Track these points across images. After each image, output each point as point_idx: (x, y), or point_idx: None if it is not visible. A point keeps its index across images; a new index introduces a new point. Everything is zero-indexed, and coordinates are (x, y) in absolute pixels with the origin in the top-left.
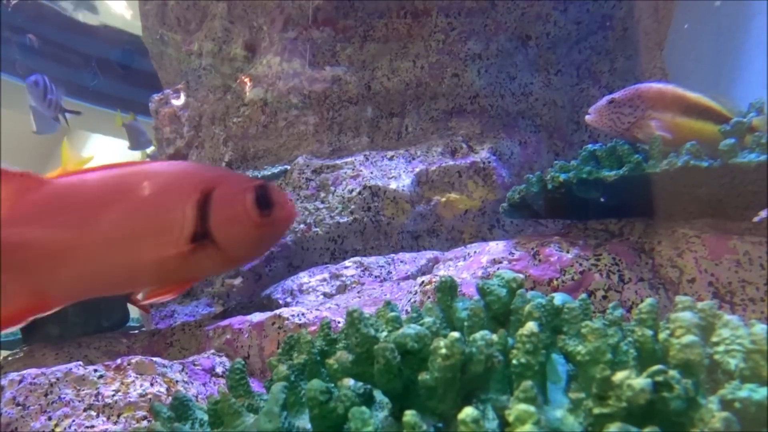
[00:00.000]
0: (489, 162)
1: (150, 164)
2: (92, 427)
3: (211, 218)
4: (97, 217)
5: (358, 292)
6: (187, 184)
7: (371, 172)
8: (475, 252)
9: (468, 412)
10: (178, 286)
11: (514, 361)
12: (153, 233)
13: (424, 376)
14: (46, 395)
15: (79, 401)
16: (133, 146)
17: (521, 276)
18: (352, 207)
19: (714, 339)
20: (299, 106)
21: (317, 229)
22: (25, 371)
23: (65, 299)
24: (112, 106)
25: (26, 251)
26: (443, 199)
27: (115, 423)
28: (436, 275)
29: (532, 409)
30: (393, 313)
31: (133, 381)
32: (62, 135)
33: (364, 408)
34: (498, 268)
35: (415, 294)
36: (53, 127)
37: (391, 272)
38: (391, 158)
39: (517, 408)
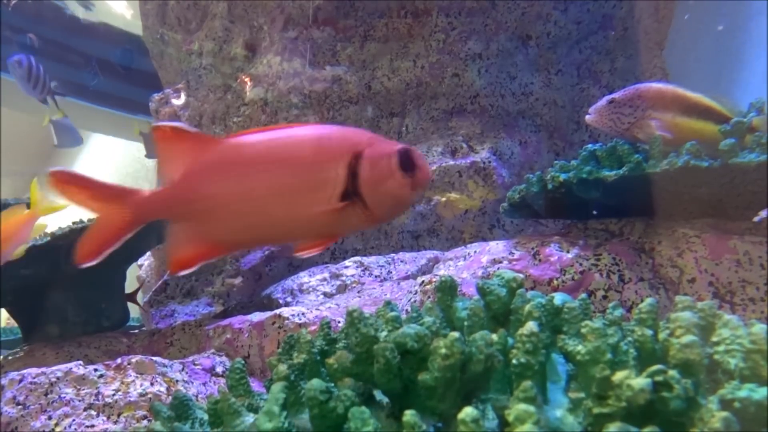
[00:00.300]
0: (489, 162)
1: (306, 127)
2: (92, 426)
3: (360, 178)
4: (261, 174)
5: (359, 292)
6: (340, 147)
7: None
8: (475, 252)
9: (468, 411)
10: (326, 240)
11: (514, 361)
12: (309, 190)
13: (423, 376)
14: (46, 394)
15: (80, 401)
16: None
17: (521, 276)
18: None
19: (714, 339)
20: (300, 105)
21: None
22: (25, 370)
23: (231, 248)
24: (112, 106)
25: (199, 204)
26: (443, 199)
27: (116, 422)
28: (437, 275)
29: (531, 408)
30: (393, 313)
31: (134, 380)
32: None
33: (363, 408)
34: (498, 268)
35: (416, 294)
36: (76, 141)
37: (391, 272)
38: None
39: (516, 408)
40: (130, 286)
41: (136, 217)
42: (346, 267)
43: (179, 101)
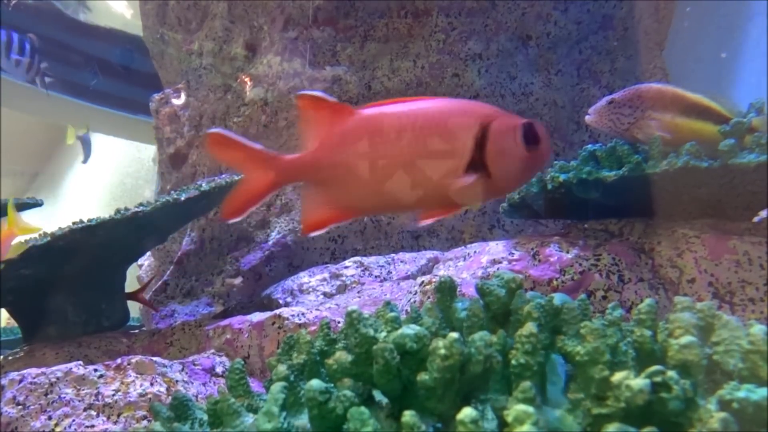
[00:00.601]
0: None
1: (434, 100)
2: (92, 426)
3: (486, 149)
4: (391, 143)
5: (358, 292)
6: (468, 118)
7: None
8: (475, 252)
9: (467, 412)
10: (449, 209)
11: (513, 362)
12: (436, 160)
13: (423, 377)
14: (46, 395)
15: (79, 401)
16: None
17: (520, 276)
18: None
19: (713, 339)
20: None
21: None
22: (25, 371)
23: (360, 213)
24: (112, 106)
25: (333, 170)
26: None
27: (115, 423)
28: (436, 275)
29: (530, 409)
30: (392, 314)
31: (133, 381)
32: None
33: (363, 408)
34: (498, 269)
35: (415, 294)
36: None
37: (391, 272)
38: None
39: (515, 408)
40: (130, 286)
41: (278, 179)
42: (346, 267)
43: (179, 101)
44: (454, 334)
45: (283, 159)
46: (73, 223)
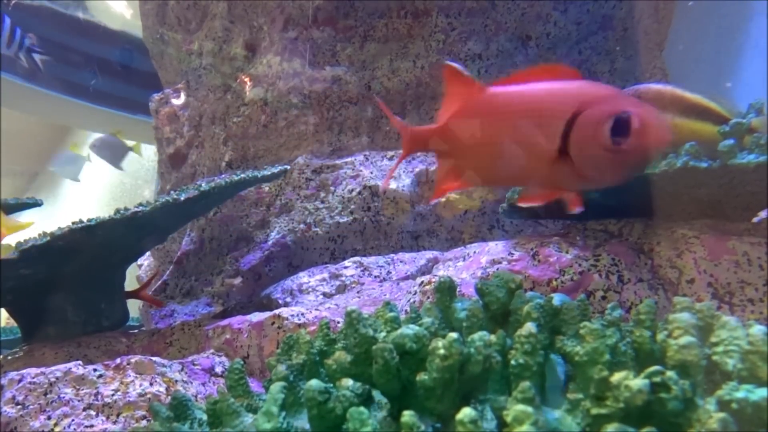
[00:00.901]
0: None
1: (558, 82)
2: (91, 426)
3: (569, 138)
4: (500, 122)
5: (358, 292)
6: (566, 103)
7: (371, 172)
8: (474, 252)
9: (466, 412)
10: (548, 194)
11: (513, 362)
12: (531, 142)
13: (422, 377)
14: (45, 394)
15: (79, 401)
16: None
17: (520, 276)
18: (352, 207)
19: (712, 340)
20: (299, 105)
21: (317, 229)
22: (24, 370)
23: (476, 182)
24: (111, 106)
25: (456, 143)
26: (443, 199)
27: (115, 422)
28: (436, 275)
29: (529, 409)
30: (392, 314)
31: (133, 380)
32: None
33: (362, 408)
34: (497, 269)
35: (415, 294)
36: (118, 153)
37: (390, 272)
38: (391, 158)
39: (515, 408)
40: (129, 286)
41: (410, 147)
42: (346, 267)
43: (179, 101)
44: (454, 334)
45: (414, 129)
46: (73, 223)
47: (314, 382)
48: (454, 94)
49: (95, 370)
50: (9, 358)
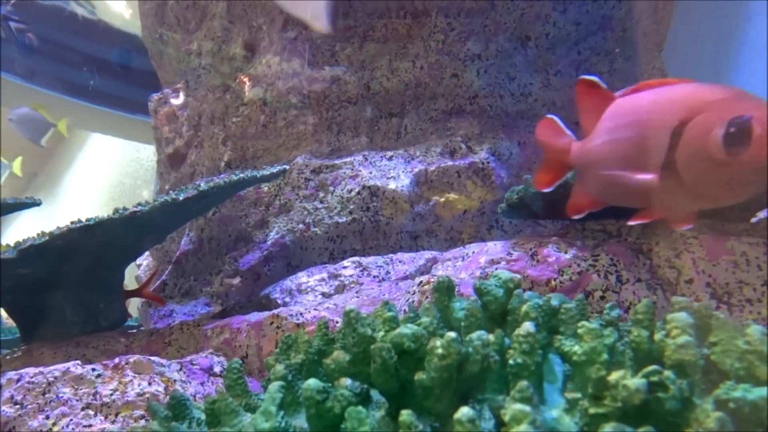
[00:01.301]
0: (488, 162)
1: (673, 86)
2: (90, 426)
3: (677, 149)
4: (612, 133)
5: (357, 292)
6: (673, 111)
7: (370, 172)
8: (473, 252)
9: (464, 411)
10: (658, 212)
11: (511, 362)
12: (637, 155)
13: (420, 376)
14: (43, 394)
15: (77, 400)
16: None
17: (518, 276)
18: (351, 207)
19: (710, 340)
20: (298, 105)
21: (316, 229)
22: (22, 370)
23: (600, 203)
24: (111, 106)
25: (586, 157)
26: (442, 200)
27: (113, 422)
28: (434, 275)
29: (527, 409)
30: (390, 313)
31: (131, 380)
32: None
33: (360, 408)
34: (496, 269)
35: (413, 294)
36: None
37: (389, 272)
38: (390, 158)
39: (512, 408)
40: (128, 286)
41: (571, 162)
42: (345, 267)
43: (178, 101)
44: (452, 334)
45: (572, 144)
46: (72, 223)
47: (312, 382)
48: (594, 107)
49: (94, 369)
50: (8, 357)
